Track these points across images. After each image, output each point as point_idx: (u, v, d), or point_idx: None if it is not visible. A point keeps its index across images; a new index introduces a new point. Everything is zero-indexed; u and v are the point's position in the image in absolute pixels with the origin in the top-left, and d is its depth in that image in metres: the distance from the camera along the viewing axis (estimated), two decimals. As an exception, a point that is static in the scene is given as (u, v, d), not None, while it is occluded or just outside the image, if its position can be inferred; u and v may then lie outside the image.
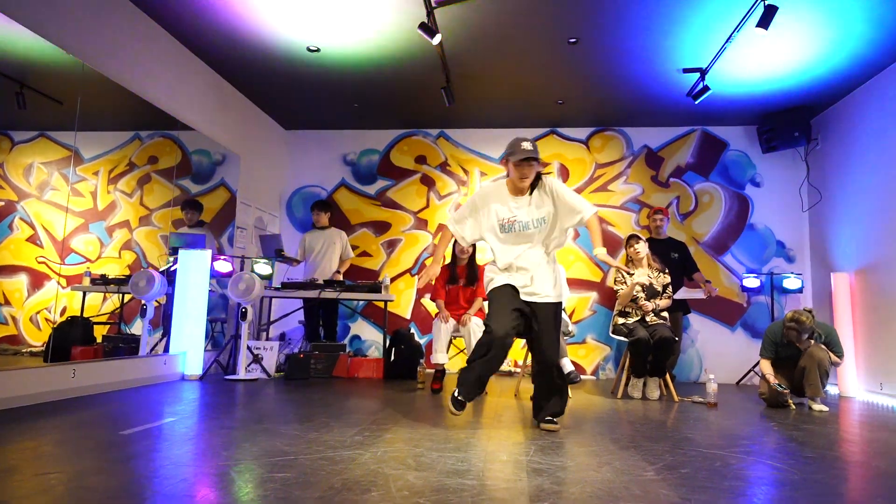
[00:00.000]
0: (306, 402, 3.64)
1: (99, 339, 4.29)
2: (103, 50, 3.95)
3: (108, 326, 4.46)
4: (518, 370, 5.86)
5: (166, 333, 4.67)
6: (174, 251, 4.73)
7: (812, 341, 4.11)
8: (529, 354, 4.35)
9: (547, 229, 3.04)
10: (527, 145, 2.90)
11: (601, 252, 2.98)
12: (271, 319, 5.95)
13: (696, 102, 5.13)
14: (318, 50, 4.78)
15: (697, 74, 4.92)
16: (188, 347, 4.62)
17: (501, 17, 4.23)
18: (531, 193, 3.02)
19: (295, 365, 4.86)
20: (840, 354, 4.16)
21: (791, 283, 5.75)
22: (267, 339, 5.81)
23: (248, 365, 4.82)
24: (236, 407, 3.42)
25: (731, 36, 4.24)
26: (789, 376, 4.22)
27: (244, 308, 4.72)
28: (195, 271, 4.70)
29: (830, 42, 4.42)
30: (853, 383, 5.13)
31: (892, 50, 4.47)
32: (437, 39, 4.09)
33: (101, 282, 4.28)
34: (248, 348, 4.83)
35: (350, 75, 5.28)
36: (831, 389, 5.27)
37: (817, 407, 4.02)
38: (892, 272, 4.78)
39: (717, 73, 4.93)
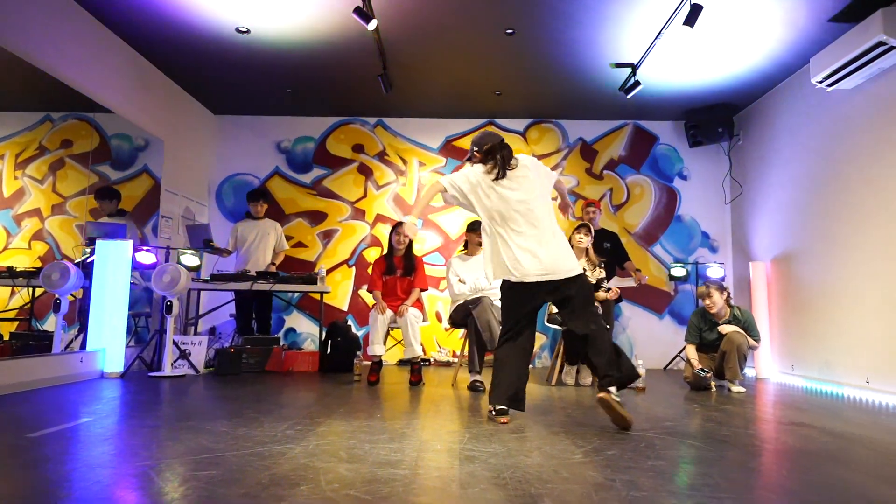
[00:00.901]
0: (236, 398, 3.51)
1: (6, 337, 3.99)
2: (6, 22, 3.62)
3: (16, 323, 4.14)
4: (455, 360, 5.90)
5: (83, 329, 4.38)
6: (91, 241, 4.44)
7: (732, 326, 4.36)
8: (467, 344, 4.38)
9: None
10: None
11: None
12: (200, 313, 5.71)
13: (628, 97, 5.30)
14: (248, 31, 4.59)
15: (629, 69, 5.08)
16: (108, 344, 4.36)
17: (439, 5, 4.19)
18: None
19: (225, 360, 4.68)
20: (756, 338, 4.42)
21: (714, 271, 6.06)
22: (195, 333, 5.56)
23: (175, 361, 4.61)
24: (160, 405, 3.26)
25: (659, 33, 4.39)
26: (713, 359, 4.46)
27: (169, 301, 4.50)
28: (115, 263, 4.43)
29: (750, 43, 4.66)
30: (768, 366, 5.48)
31: (804, 52, 4.75)
32: (372, 25, 4.01)
33: (8, 275, 3.98)
34: (175, 343, 4.61)
35: (282, 59, 5.10)
36: (749, 372, 5.61)
37: (736, 389, 4.26)
38: (804, 262, 5.12)
39: (647, 69, 5.10)
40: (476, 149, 3.06)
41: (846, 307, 4.53)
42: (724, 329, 4.36)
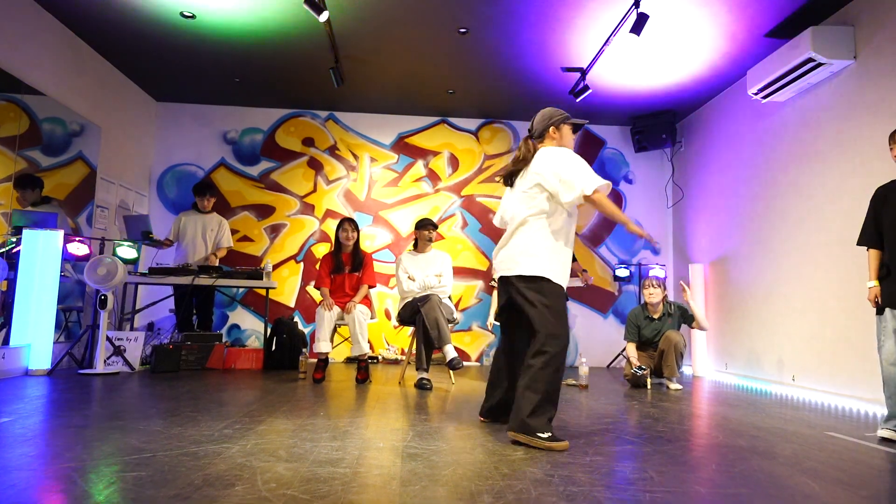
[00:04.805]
0: (172, 396, 3.38)
1: (-82, 331, 3.70)
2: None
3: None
4: (403, 357, 5.88)
5: (6, 323, 4.12)
6: (17, 230, 4.17)
7: (669, 320, 4.60)
8: (415, 342, 4.36)
9: None
10: None
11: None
12: (137, 308, 5.47)
13: (577, 101, 5.40)
14: (193, 16, 4.42)
15: (579, 74, 5.18)
16: (34, 339, 4.11)
17: (392, 0, 4.16)
18: None
19: (162, 356, 4.50)
20: (692, 320, 4.70)
21: (656, 273, 6.26)
22: (132, 329, 5.33)
23: (108, 358, 4.39)
24: (89, 403, 3.10)
25: (608, 39, 4.50)
26: (652, 358, 4.64)
27: (103, 295, 4.28)
28: (44, 254, 4.18)
29: (693, 53, 4.83)
30: (704, 364, 5.71)
31: (742, 64, 4.97)
32: (324, 17, 3.94)
33: (-79, 264, 3.68)
34: (109, 339, 4.40)
35: (230, 46, 4.94)
36: (686, 370, 5.83)
37: (673, 386, 4.43)
38: (738, 265, 5.36)
39: (596, 75, 5.22)
40: (561, 117, 2.72)
41: (775, 309, 4.77)
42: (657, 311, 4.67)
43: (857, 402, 3.77)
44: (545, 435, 2.32)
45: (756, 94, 4.67)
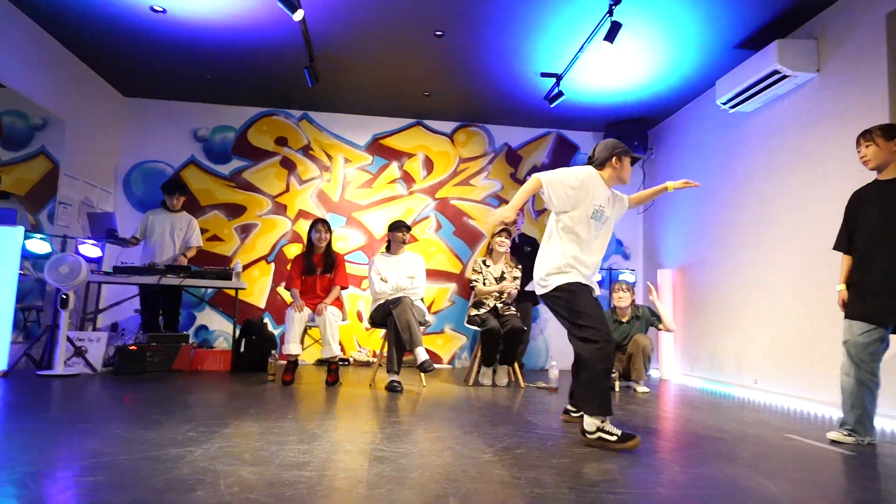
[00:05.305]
0: (135, 399, 3.30)
1: None
2: None
3: None
4: (374, 360, 5.84)
5: (-40, 323, 3.97)
6: (-26, 227, 4.03)
7: (637, 322, 4.69)
8: (387, 344, 4.34)
9: (608, 229, 2.99)
10: None
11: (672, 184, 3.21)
12: (100, 307, 5.33)
13: (552, 106, 5.46)
14: (163, 11, 4.34)
15: (554, 80, 5.24)
16: (-11, 339, 3.97)
17: (368, 1, 4.14)
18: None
19: (126, 358, 4.38)
20: (659, 322, 4.77)
21: (626, 277, 6.36)
22: (94, 329, 5.19)
23: (69, 359, 4.27)
24: (48, 406, 3.00)
25: (582, 46, 4.56)
26: (620, 361, 4.70)
27: (64, 294, 4.16)
28: (1, 251, 4.04)
29: (665, 62, 4.93)
30: (671, 367, 5.81)
31: (712, 74, 5.09)
32: (298, 15, 3.91)
33: None
34: (69, 340, 4.27)
35: (202, 43, 4.86)
36: (654, 373, 5.93)
37: (641, 389, 4.50)
38: (704, 271, 5.48)
39: (570, 81, 5.28)
40: (622, 149, 2.98)
41: (738, 314, 4.88)
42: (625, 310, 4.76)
43: (815, 406, 3.88)
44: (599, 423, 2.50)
45: (724, 103, 4.78)
